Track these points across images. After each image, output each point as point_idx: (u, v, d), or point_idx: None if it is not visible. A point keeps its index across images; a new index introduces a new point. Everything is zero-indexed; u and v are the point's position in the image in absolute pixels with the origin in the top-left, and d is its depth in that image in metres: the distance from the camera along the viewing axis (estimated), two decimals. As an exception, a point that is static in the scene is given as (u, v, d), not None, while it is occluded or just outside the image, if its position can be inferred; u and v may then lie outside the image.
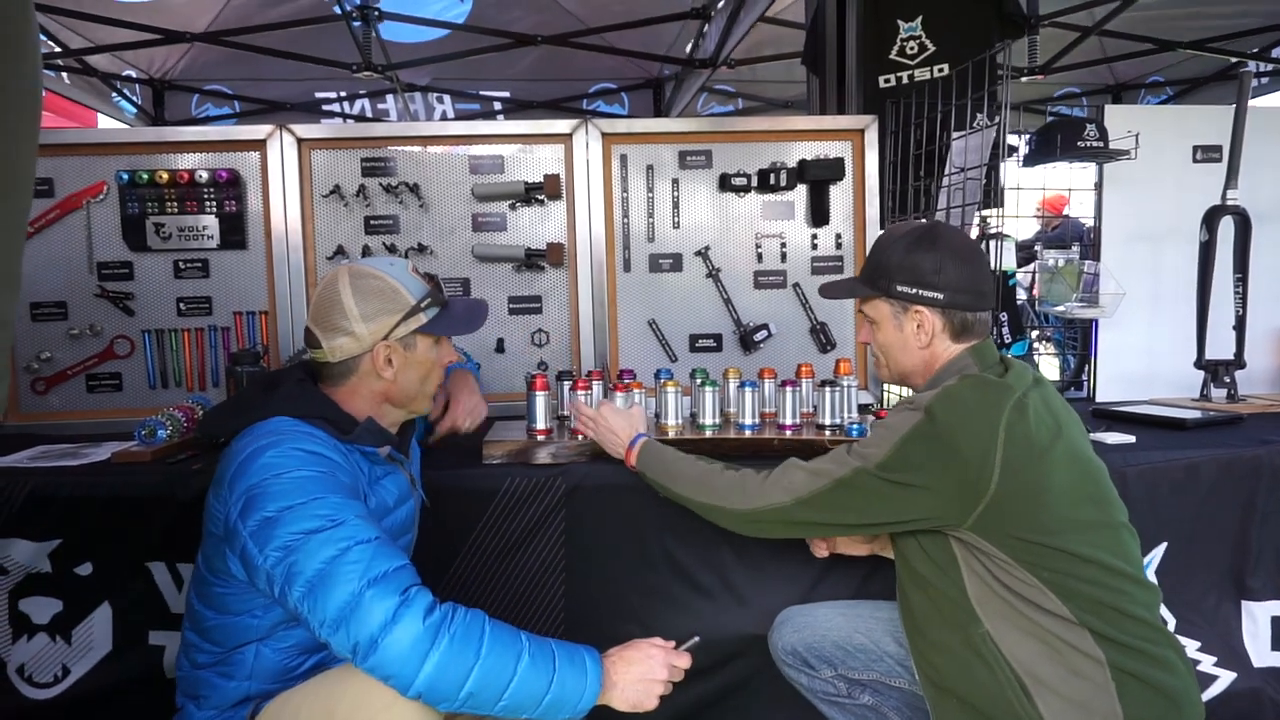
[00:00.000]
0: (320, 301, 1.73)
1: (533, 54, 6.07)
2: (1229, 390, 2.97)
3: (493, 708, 1.41)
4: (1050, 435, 1.58)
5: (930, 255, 1.72)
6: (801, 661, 1.97)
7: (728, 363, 2.80)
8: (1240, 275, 2.96)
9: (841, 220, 2.94)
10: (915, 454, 1.57)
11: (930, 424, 1.56)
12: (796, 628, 2.01)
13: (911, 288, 1.72)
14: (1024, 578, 1.55)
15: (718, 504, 1.79)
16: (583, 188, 2.86)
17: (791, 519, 1.69)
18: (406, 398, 1.80)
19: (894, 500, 1.59)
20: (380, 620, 1.36)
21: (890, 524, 1.65)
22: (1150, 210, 3.16)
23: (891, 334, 1.78)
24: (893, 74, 3.62)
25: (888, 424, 1.63)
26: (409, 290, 1.74)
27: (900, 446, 1.57)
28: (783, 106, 7.02)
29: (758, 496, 1.72)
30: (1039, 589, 1.55)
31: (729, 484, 1.79)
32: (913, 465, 1.57)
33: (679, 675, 1.59)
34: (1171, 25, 5.73)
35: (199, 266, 2.80)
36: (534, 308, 2.91)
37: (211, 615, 1.62)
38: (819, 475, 1.66)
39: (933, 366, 1.76)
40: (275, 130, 2.78)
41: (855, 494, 1.62)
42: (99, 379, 2.79)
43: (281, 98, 6.66)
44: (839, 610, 2.03)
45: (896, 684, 1.92)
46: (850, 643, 1.95)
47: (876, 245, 1.84)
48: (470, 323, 1.86)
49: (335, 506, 1.47)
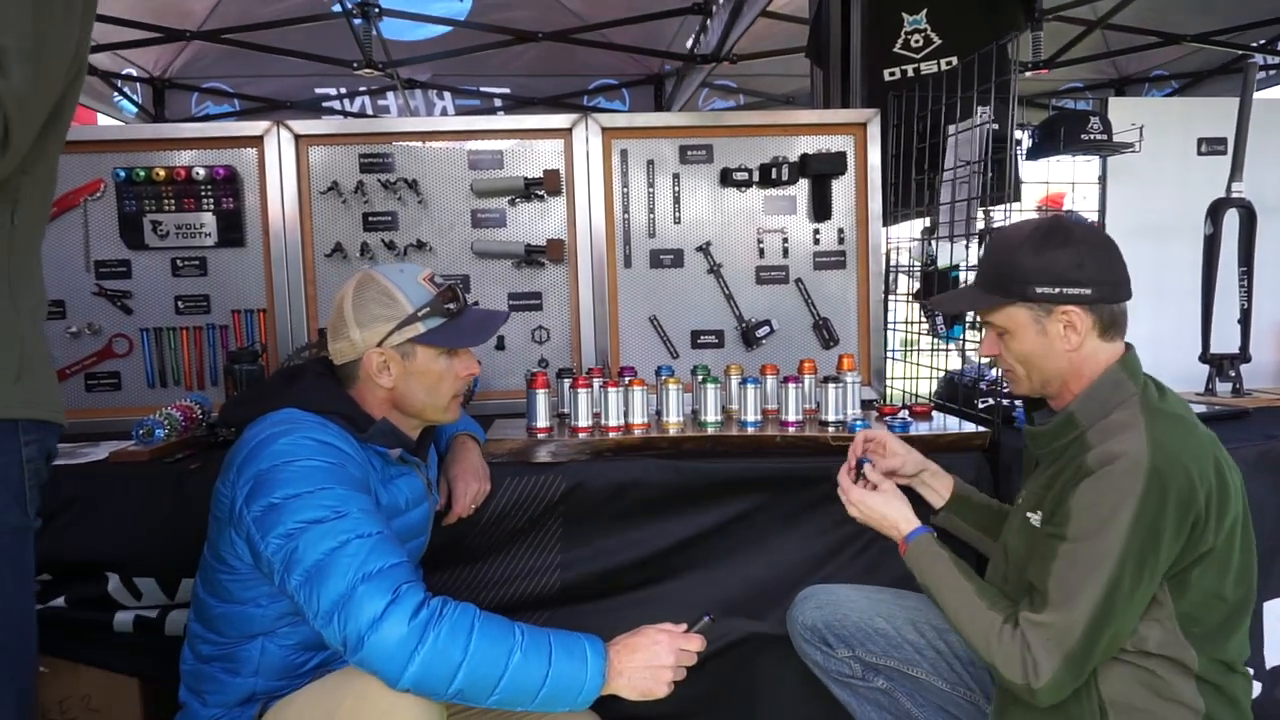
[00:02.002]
0: (335, 304, 1.79)
1: (533, 50, 6.05)
2: (1234, 384, 2.95)
3: (485, 701, 1.43)
4: (1237, 480, 1.59)
5: (1067, 251, 1.62)
6: (820, 639, 1.97)
7: (729, 359, 2.77)
8: (1245, 268, 2.93)
9: (844, 215, 2.92)
10: (1153, 521, 1.48)
11: (1158, 485, 1.49)
12: (819, 604, 2.00)
13: (1054, 287, 1.62)
14: (1173, 631, 1.55)
15: (994, 665, 1.60)
16: (583, 183, 2.84)
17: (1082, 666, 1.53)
18: (413, 408, 1.78)
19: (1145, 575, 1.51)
20: (369, 617, 1.38)
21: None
22: (1154, 203, 3.15)
23: (1033, 341, 1.66)
24: (897, 67, 3.60)
25: (1097, 509, 1.51)
26: (408, 298, 1.72)
27: (1135, 525, 1.48)
28: (784, 101, 6.99)
29: (1033, 673, 1.52)
30: (1184, 646, 1.55)
31: (991, 641, 1.59)
32: (1158, 534, 1.49)
33: (690, 659, 1.57)
34: (1176, 18, 5.70)
35: (197, 264, 2.78)
36: (534, 304, 2.90)
37: (216, 603, 1.64)
38: (1072, 602, 1.51)
39: (1082, 370, 1.65)
40: (273, 126, 2.76)
41: (1116, 595, 1.50)
42: (97, 378, 2.78)
43: (282, 95, 6.65)
44: (864, 593, 2.03)
45: (913, 673, 1.91)
46: (871, 625, 1.94)
47: (996, 251, 1.74)
48: (473, 337, 1.80)
49: (341, 498, 1.49)
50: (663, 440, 2.33)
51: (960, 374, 2.93)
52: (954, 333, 3.07)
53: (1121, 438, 1.54)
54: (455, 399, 1.84)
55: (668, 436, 2.34)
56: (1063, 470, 1.61)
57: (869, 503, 1.86)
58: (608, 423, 2.35)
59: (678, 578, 2.25)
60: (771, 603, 2.20)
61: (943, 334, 3.11)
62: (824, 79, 3.91)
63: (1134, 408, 1.59)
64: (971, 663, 1.92)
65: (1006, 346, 1.71)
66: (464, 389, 1.86)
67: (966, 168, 2.69)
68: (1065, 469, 1.60)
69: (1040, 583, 1.55)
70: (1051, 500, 1.60)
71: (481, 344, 1.82)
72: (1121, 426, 1.57)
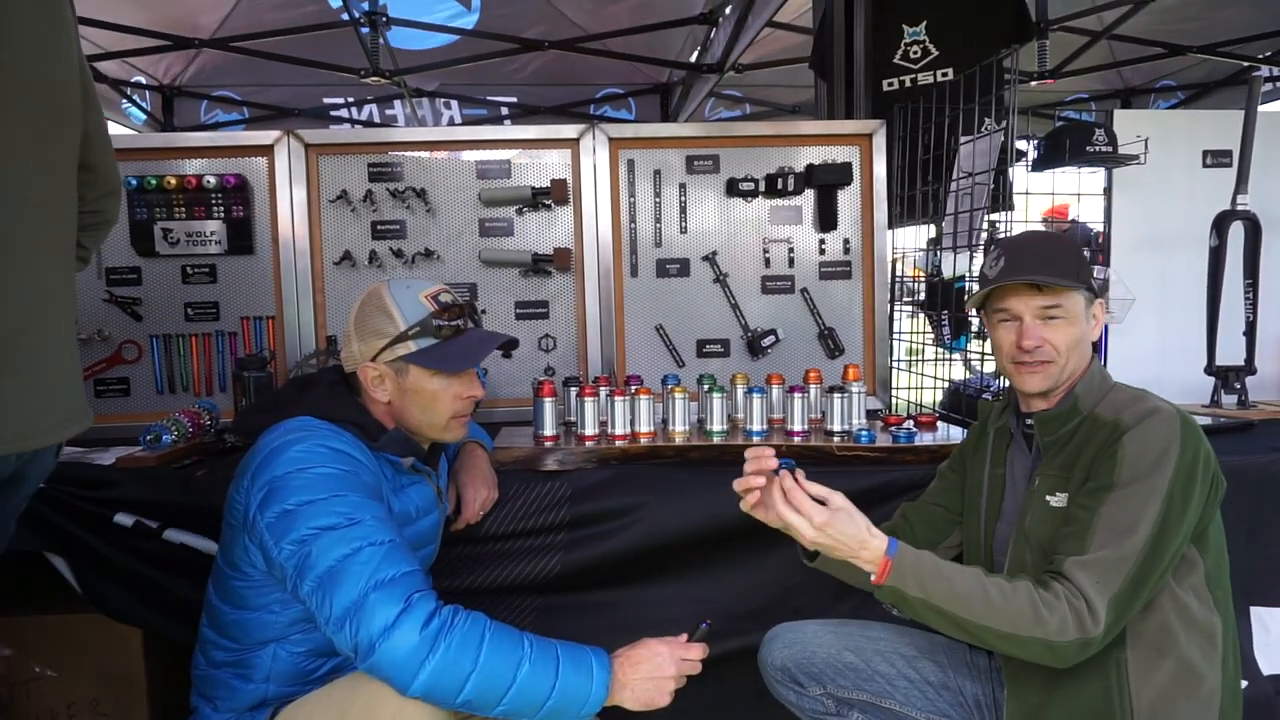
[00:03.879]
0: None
1: (540, 59, 6.08)
2: (1240, 396, 2.95)
3: (492, 711, 1.43)
4: None
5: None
6: (790, 678, 1.95)
7: (735, 368, 2.79)
8: (1251, 281, 2.94)
9: (849, 225, 2.93)
10: (1191, 463, 1.58)
11: (1191, 433, 1.60)
12: (786, 643, 1.98)
13: (1096, 282, 1.77)
14: (1202, 592, 1.63)
15: (1030, 637, 1.52)
16: (590, 193, 2.86)
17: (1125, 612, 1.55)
18: (411, 424, 1.77)
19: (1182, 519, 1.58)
20: (380, 625, 1.38)
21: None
22: (1160, 215, 3.16)
23: (1082, 327, 1.73)
24: (895, 78, 3.61)
25: (1147, 452, 1.58)
26: (403, 316, 1.71)
27: (1179, 463, 1.57)
28: (790, 111, 7.02)
29: (1091, 619, 1.50)
30: (1211, 609, 1.63)
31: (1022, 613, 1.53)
32: (1193, 477, 1.58)
33: (693, 668, 1.59)
34: (1181, 29, 5.71)
35: (206, 272, 2.81)
36: (541, 313, 2.91)
37: (228, 610, 1.65)
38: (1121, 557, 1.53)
39: (1085, 360, 1.76)
40: (283, 136, 2.78)
41: (1166, 526, 1.55)
42: (107, 384, 2.80)
43: (290, 103, 6.68)
44: (830, 628, 2.00)
45: (886, 704, 1.90)
46: (840, 660, 1.93)
47: (1054, 243, 1.83)
48: (457, 362, 1.73)
49: (354, 505, 1.50)
50: (669, 449, 2.34)
51: (965, 384, 2.94)
52: (959, 343, 3.07)
53: (1143, 402, 1.65)
54: (456, 419, 1.79)
55: (674, 445, 2.34)
56: (1084, 445, 1.67)
57: (836, 523, 1.53)
58: (614, 431, 2.36)
59: (682, 584, 2.25)
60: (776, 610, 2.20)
61: (948, 344, 3.12)
62: (828, 90, 3.93)
63: (1126, 390, 1.73)
64: (945, 686, 1.91)
65: (1058, 331, 1.72)
66: (466, 410, 1.80)
67: (969, 179, 2.70)
68: (1088, 443, 1.66)
69: (1081, 534, 1.57)
70: (1082, 469, 1.65)
71: (466, 369, 1.77)
72: (1134, 397, 1.69)
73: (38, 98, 1.45)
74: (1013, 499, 1.83)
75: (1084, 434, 1.68)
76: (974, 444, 1.97)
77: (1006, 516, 1.82)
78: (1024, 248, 1.79)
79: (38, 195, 1.45)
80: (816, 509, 1.53)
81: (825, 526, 1.52)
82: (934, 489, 2.03)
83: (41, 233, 1.47)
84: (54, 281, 1.51)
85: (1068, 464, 1.69)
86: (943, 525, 1.98)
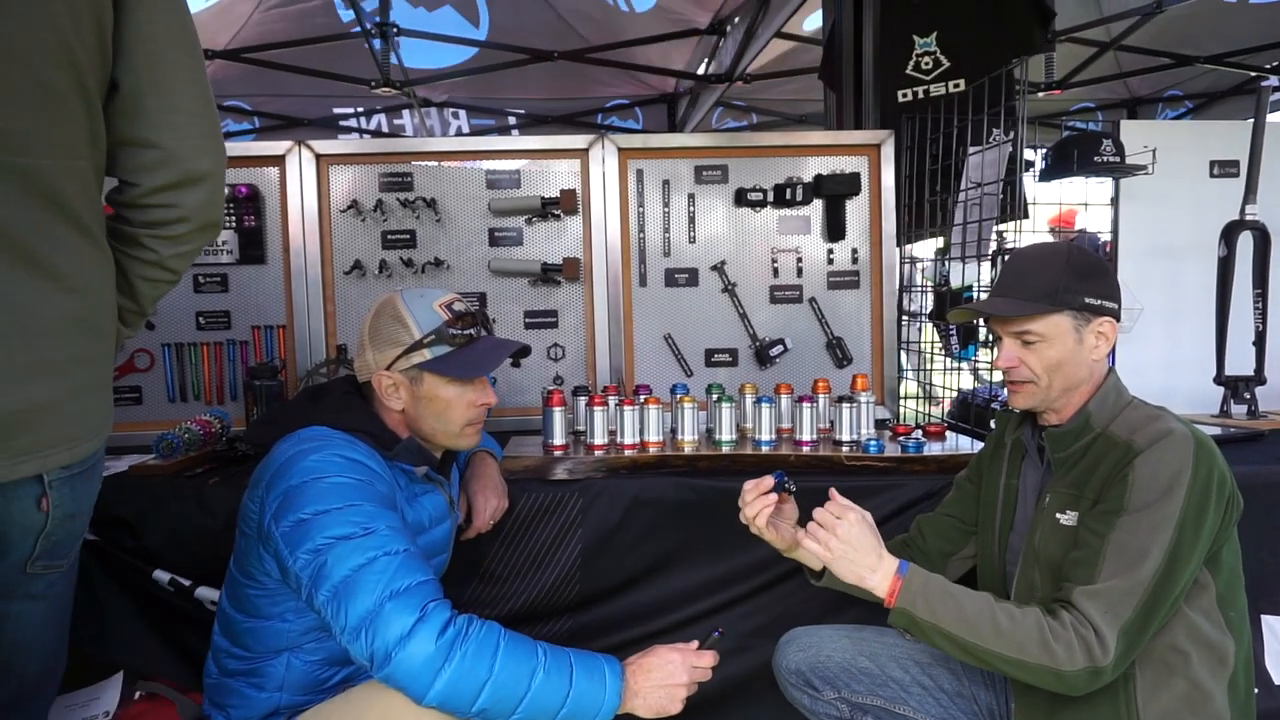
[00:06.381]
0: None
1: (548, 70, 6.11)
2: (1249, 406, 2.95)
3: (507, 719, 1.43)
4: None
5: (1101, 268, 1.75)
6: (805, 682, 1.95)
7: (744, 378, 2.79)
8: (1260, 290, 2.94)
9: (858, 235, 2.94)
10: (1204, 488, 1.57)
11: (1206, 457, 1.58)
12: (801, 647, 1.98)
13: (1098, 299, 1.70)
14: (1214, 613, 1.62)
15: (1038, 664, 1.52)
16: (599, 202, 2.87)
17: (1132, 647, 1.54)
18: (425, 432, 1.79)
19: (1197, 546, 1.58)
20: (396, 634, 1.39)
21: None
22: (1168, 225, 3.15)
23: (1069, 348, 1.71)
24: (909, 89, 3.62)
25: (1159, 478, 1.56)
26: (417, 324, 1.73)
27: (1191, 490, 1.55)
28: (797, 121, 7.03)
29: (1099, 648, 1.50)
30: (1223, 630, 1.62)
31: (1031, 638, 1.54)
32: (1206, 501, 1.57)
33: (704, 675, 1.59)
34: (1189, 39, 5.71)
35: (218, 281, 2.82)
36: (550, 322, 2.92)
37: (242, 618, 1.65)
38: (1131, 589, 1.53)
39: (1094, 377, 1.74)
40: (294, 146, 2.80)
41: (1177, 556, 1.54)
42: (119, 392, 2.81)
43: (300, 113, 6.74)
44: (845, 633, 2.01)
45: (900, 710, 1.90)
46: (855, 665, 1.93)
47: (1035, 263, 1.76)
48: (471, 369, 1.75)
49: (369, 515, 1.51)
50: (678, 458, 2.34)
51: (973, 394, 2.94)
52: (968, 353, 3.08)
53: (1158, 423, 1.63)
54: (470, 426, 1.81)
55: (683, 454, 2.35)
56: (1096, 465, 1.66)
57: (853, 537, 1.61)
58: (623, 440, 2.37)
59: (693, 593, 2.25)
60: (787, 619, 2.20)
61: (957, 354, 3.12)
62: (837, 100, 3.94)
63: (1142, 407, 1.71)
64: (959, 694, 1.91)
65: (1035, 354, 1.73)
66: (480, 417, 1.83)
67: (978, 189, 2.71)
68: (1100, 462, 1.65)
69: (1090, 560, 1.57)
70: (1093, 489, 1.64)
71: (480, 376, 1.78)
72: (1149, 417, 1.66)
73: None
74: (1024, 512, 1.83)
75: (1096, 452, 1.67)
76: (991, 454, 1.97)
77: (1019, 529, 1.83)
78: (1009, 267, 1.82)
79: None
80: (841, 524, 1.62)
81: (847, 538, 1.62)
82: (950, 499, 2.04)
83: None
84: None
85: (1079, 482, 1.68)
86: (956, 536, 1.98)
